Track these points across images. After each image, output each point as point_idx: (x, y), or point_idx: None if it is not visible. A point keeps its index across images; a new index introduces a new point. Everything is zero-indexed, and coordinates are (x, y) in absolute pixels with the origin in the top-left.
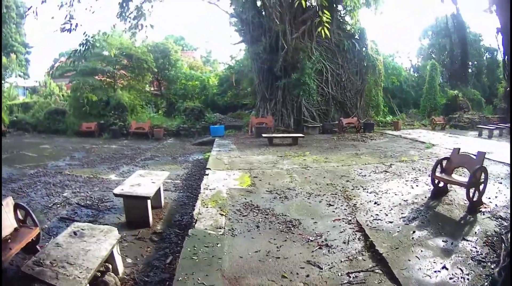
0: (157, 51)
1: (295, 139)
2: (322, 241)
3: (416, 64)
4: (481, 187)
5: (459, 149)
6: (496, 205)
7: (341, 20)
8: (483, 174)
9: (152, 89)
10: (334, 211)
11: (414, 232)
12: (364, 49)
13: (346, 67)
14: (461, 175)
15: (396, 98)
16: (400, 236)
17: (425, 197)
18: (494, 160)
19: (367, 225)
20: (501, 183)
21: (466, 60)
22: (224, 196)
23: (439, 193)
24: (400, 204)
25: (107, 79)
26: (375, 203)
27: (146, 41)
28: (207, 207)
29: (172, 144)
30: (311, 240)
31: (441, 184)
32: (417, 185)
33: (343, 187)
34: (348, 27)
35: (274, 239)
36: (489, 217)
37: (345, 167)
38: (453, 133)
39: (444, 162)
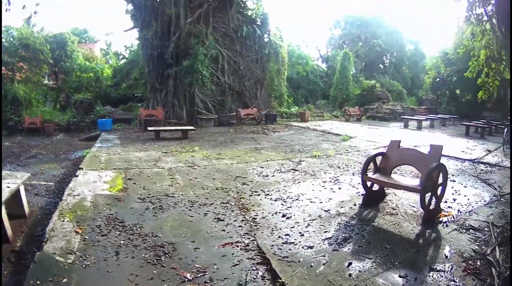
0: (55, 41)
1: (185, 133)
2: (206, 283)
3: (325, 54)
4: (439, 190)
5: (399, 141)
6: (458, 211)
7: (242, 4)
8: (440, 174)
9: (50, 82)
10: (224, 230)
11: (350, 263)
12: (266, 35)
13: (245, 55)
14: (403, 176)
15: (303, 89)
16: (328, 271)
17: (355, 205)
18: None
19: (274, 253)
20: (454, 181)
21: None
22: (87, 205)
23: (373, 198)
24: (320, 216)
25: (8, 72)
26: (284, 215)
27: (45, 32)
28: (64, 221)
29: (60, 140)
30: (189, 280)
31: (376, 187)
32: (339, 188)
33: (237, 193)
34: (250, 12)
35: (137, 275)
36: (456, 230)
37: (241, 165)
38: (372, 125)
39: (379, 159)
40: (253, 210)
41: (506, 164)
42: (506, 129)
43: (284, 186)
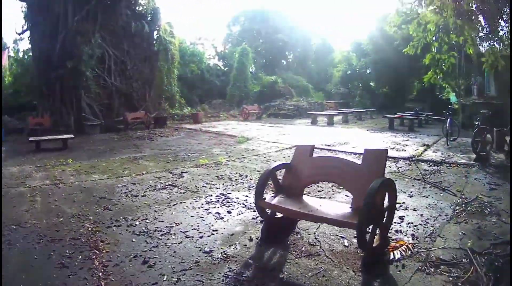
0: None
1: (65, 142)
2: None
3: (222, 51)
4: (386, 218)
5: (312, 147)
6: (414, 237)
7: None
8: (387, 195)
9: None
10: (66, 283)
11: None
12: (156, 32)
13: (133, 53)
14: (322, 194)
15: (198, 89)
16: None
17: (251, 240)
18: (358, 153)
19: None
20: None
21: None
22: None
23: (278, 229)
24: (197, 263)
25: None
26: (145, 262)
27: None
28: None
29: None
30: None
31: (280, 214)
32: (229, 211)
33: (94, 222)
34: (140, 8)
35: None
36: (420, 270)
37: (111, 181)
38: (275, 123)
39: (283, 175)
40: (107, 251)
41: (457, 160)
42: (449, 120)
43: (155, 210)
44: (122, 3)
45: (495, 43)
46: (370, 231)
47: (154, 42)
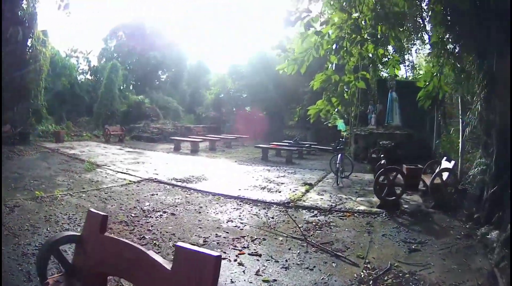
0: None
1: None
2: None
3: (94, 66)
4: None
5: (104, 218)
6: None
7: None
8: None
9: None
10: None
11: None
12: (30, 40)
13: (7, 61)
14: None
15: (67, 104)
16: None
17: None
18: (218, 194)
19: None
20: (258, 260)
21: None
22: None
23: None
24: None
25: None
26: None
27: None
28: None
29: None
30: None
31: None
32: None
33: None
34: (21, 12)
35: None
36: None
37: None
38: (136, 147)
39: (74, 251)
40: None
41: (354, 206)
42: (339, 155)
43: None
44: (6, 5)
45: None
46: None
47: (29, 50)
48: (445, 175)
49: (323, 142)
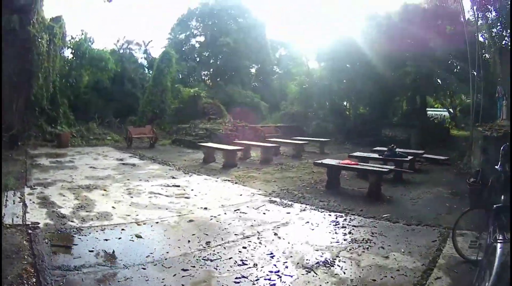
0: None
1: None
2: None
3: (154, 58)
4: None
5: None
6: None
7: None
8: None
9: None
10: None
11: None
12: (30, 26)
13: (7, 53)
14: None
15: (116, 102)
16: None
17: None
18: None
19: None
20: None
21: None
22: None
23: None
24: None
25: None
26: None
27: None
28: None
29: None
30: None
31: None
32: None
33: None
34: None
35: None
36: None
37: None
38: (153, 158)
39: None
40: None
41: None
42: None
43: None
44: None
45: None
46: None
47: (28, 38)
48: None
49: (430, 146)
